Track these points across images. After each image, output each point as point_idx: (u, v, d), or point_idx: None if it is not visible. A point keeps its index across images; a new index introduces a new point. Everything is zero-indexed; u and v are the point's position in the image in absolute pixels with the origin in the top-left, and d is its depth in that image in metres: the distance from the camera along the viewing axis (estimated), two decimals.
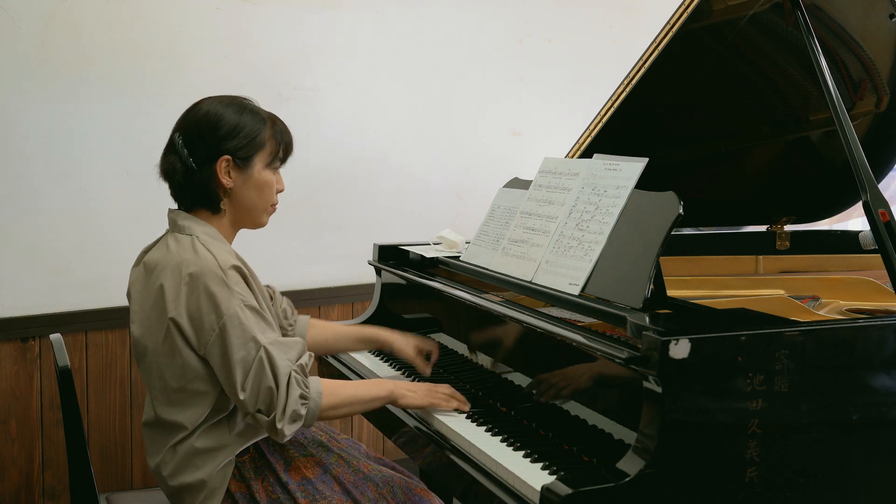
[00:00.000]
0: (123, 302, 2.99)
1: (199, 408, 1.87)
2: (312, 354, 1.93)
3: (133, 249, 2.97)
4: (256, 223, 2.00)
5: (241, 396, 1.80)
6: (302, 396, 1.82)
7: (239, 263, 1.88)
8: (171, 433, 1.89)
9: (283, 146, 1.97)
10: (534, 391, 1.98)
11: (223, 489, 1.89)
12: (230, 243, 1.99)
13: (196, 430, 1.88)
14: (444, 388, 2.07)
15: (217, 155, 1.90)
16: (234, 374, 1.80)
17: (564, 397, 1.87)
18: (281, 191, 2.00)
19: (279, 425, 1.79)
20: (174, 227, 1.95)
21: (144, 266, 1.94)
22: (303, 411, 1.82)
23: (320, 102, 3.34)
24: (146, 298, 1.90)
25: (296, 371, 1.83)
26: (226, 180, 1.91)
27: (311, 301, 3.34)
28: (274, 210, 2.01)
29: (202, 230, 1.91)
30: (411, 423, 2.08)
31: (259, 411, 1.81)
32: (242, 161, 1.91)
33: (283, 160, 2.00)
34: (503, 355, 2.11)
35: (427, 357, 2.34)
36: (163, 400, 1.89)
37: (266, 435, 1.94)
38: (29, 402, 2.85)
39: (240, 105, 1.94)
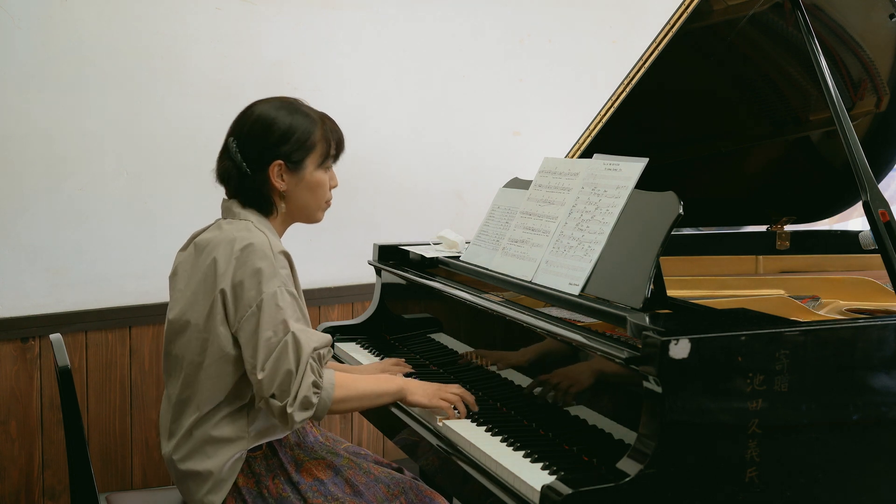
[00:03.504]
0: (123, 302, 3.03)
1: (218, 389, 1.89)
2: (332, 350, 1.97)
3: (133, 249, 3.00)
4: (311, 220, 2.07)
5: (260, 376, 1.82)
6: (315, 385, 1.84)
7: (287, 251, 1.93)
8: (187, 414, 1.92)
9: (334, 145, 2.02)
10: (534, 391, 1.98)
11: (230, 482, 1.90)
12: (280, 237, 2.04)
13: (213, 416, 1.90)
14: (454, 389, 2.07)
15: (270, 160, 1.95)
16: (258, 353, 1.82)
17: (564, 397, 1.87)
18: (334, 186, 2.06)
19: (290, 410, 1.80)
20: (228, 213, 1.99)
21: (195, 246, 1.98)
22: (314, 400, 1.83)
23: (320, 102, 3.29)
24: (194, 276, 1.94)
25: (313, 359, 1.85)
26: (279, 184, 1.96)
27: (311, 301, 3.34)
28: (329, 206, 2.07)
29: (256, 218, 1.97)
30: (412, 423, 2.08)
31: (273, 396, 1.82)
32: (295, 164, 1.96)
33: (336, 158, 2.05)
34: (503, 355, 2.11)
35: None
36: (187, 378, 1.92)
37: (280, 436, 1.96)
38: (29, 402, 2.85)
39: (291, 107, 1.99)
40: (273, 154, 1.95)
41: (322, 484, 1.96)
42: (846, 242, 2.99)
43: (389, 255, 2.72)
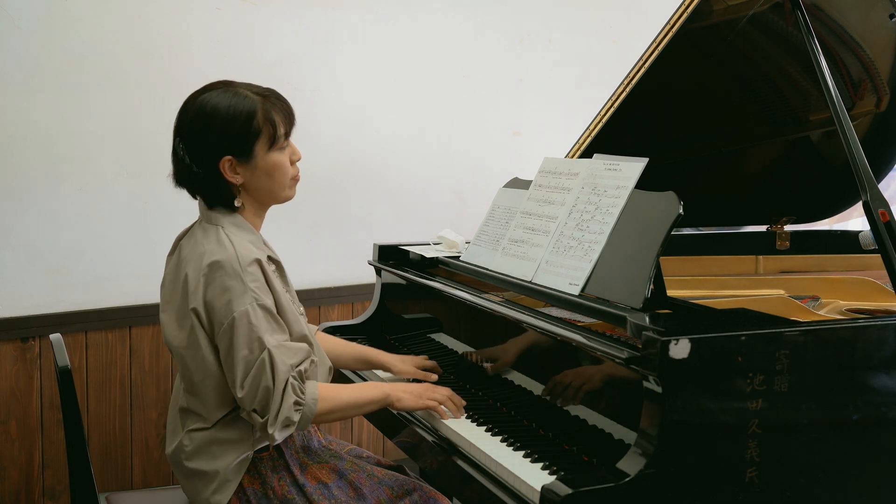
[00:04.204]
0: (123, 302, 3.03)
1: (219, 404, 1.90)
2: (314, 359, 1.93)
3: (132, 249, 3.00)
4: (281, 200, 1.98)
5: (240, 394, 1.82)
6: (296, 403, 1.83)
7: (261, 256, 1.87)
8: (193, 421, 1.93)
9: (281, 124, 1.91)
10: (534, 391, 1.98)
11: (236, 482, 1.91)
12: (259, 227, 1.99)
13: (218, 422, 1.90)
14: (442, 390, 2.06)
15: (217, 157, 1.88)
16: (236, 371, 1.81)
17: (564, 397, 1.87)
18: (297, 160, 1.97)
19: (270, 430, 1.81)
20: (204, 215, 1.96)
21: (178, 256, 1.96)
22: (295, 418, 1.83)
23: (320, 102, 3.34)
24: (175, 289, 1.93)
25: (293, 377, 1.83)
26: (234, 178, 1.90)
27: (311, 301, 3.34)
28: (297, 181, 1.99)
29: (228, 220, 1.92)
30: (411, 423, 2.08)
31: (254, 411, 1.82)
32: (244, 156, 1.89)
33: (287, 134, 1.94)
34: (503, 355, 2.11)
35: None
36: (188, 389, 1.93)
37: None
38: (29, 402, 2.85)
39: (227, 95, 1.88)
40: (218, 151, 1.86)
41: (326, 488, 1.96)
42: (846, 242, 2.99)
43: (389, 255, 2.72)
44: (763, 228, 3.04)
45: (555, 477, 1.66)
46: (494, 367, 2.15)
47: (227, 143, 1.87)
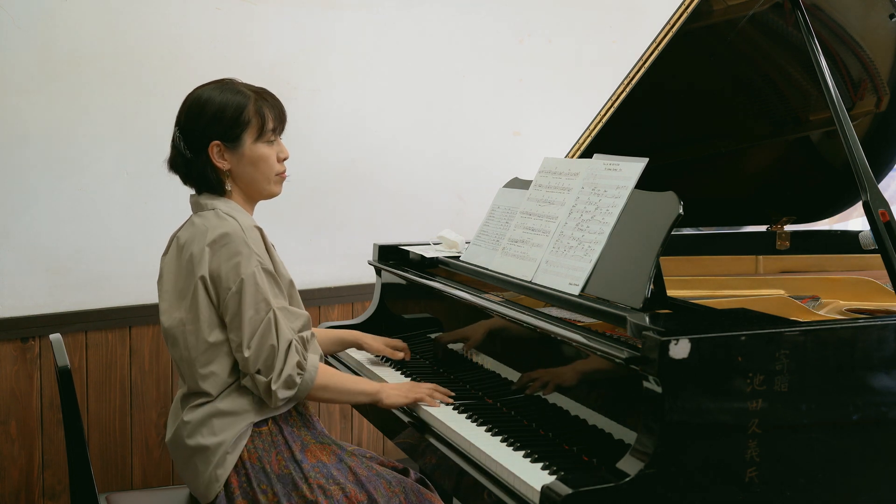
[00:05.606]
0: (123, 302, 3.03)
1: (221, 375, 1.93)
2: (314, 332, 2.02)
3: (133, 249, 3.00)
4: (266, 195, 2.07)
5: (246, 354, 1.88)
6: (299, 365, 1.91)
7: (261, 226, 1.97)
8: (197, 399, 1.96)
9: (271, 118, 2.02)
10: (534, 391, 1.98)
11: (235, 455, 1.94)
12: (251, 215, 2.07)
13: (220, 394, 1.95)
14: (426, 385, 2.12)
15: (207, 141, 1.98)
16: (243, 332, 1.89)
17: (564, 397, 1.87)
18: (285, 158, 2.06)
19: (274, 387, 1.88)
20: (196, 207, 2.04)
21: (176, 248, 2.02)
22: (297, 380, 1.91)
23: (320, 102, 3.34)
24: (178, 275, 1.98)
25: (297, 341, 1.92)
26: (221, 163, 2.00)
27: (311, 301, 3.34)
28: (282, 178, 2.07)
29: (221, 203, 2.00)
30: (411, 423, 2.08)
31: (258, 372, 1.89)
32: (232, 142, 1.99)
33: (276, 130, 2.05)
34: (503, 355, 2.11)
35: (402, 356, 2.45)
36: (189, 372, 1.96)
37: (282, 411, 2.00)
38: (29, 402, 2.85)
39: (222, 87, 2.01)
40: (209, 135, 1.98)
41: (325, 466, 1.99)
42: (846, 242, 2.99)
43: (389, 255, 2.72)
44: (763, 228, 3.04)
45: (555, 477, 1.65)
46: (494, 366, 2.15)
47: (217, 128, 1.98)
